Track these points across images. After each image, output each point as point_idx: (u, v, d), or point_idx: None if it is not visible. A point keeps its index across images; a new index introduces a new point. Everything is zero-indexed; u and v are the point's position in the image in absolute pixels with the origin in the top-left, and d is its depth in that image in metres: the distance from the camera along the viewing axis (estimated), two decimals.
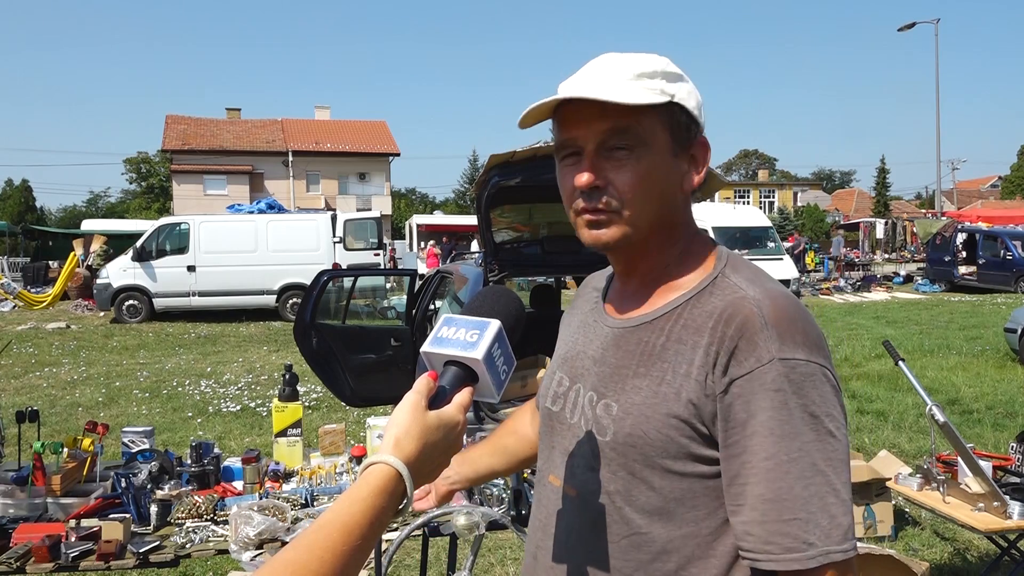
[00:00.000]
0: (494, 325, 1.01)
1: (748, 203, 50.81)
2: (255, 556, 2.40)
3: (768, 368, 0.99)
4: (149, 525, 2.55)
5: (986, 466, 3.07)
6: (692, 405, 1.02)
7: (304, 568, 0.81)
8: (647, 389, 1.06)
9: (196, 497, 2.69)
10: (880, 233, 29.48)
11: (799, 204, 53.27)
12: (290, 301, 16.71)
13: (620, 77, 1.06)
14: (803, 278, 22.55)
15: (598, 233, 1.10)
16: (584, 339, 1.21)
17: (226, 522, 2.53)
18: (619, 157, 1.06)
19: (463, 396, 0.99)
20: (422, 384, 0.98)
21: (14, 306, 19.15)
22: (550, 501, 1.18)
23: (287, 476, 2.99)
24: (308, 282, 6.98)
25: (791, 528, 0.96)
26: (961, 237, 23.08)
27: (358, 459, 2.99)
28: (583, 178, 1.07)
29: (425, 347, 1.01)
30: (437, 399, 0.98)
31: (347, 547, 0.84)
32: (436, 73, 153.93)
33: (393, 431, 0.94)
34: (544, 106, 1.08)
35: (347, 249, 18.02)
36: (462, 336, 1.00)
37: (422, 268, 23.54)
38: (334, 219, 17.91)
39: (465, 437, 1.08)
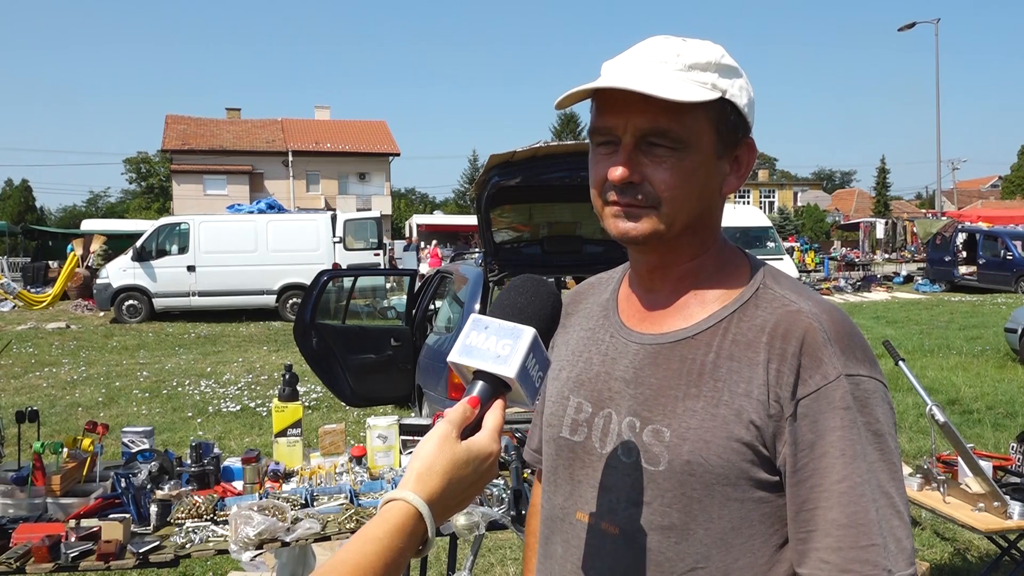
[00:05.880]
0: (528, 334, 0.91)
1: (748, 203, 50.78)
2: (255, 556, 2.39)
3: (835, 385, 0.94)
4: (149, 525, 2.54)
5: (986, 466, 3.07)
6: (754, 427, 0.96)
7: None
8: (703, 411, 0.98)
9: (196, 497, 2.68)
10: (880, 233, 29.45)
11: (799, 204, 53.32)
12: (290, 301, 16.71)
13: (669, 66, 0.98)
14: (803, 278, 22.55)
15: (627, 226, 1.01)
16: (602, 358, 1.10)
17: (226, 522, 2.52)
18: (658, 153, 0.99)
19: (496, 418, 0.90)
20: (457, 414, 0.88)
21: (14, 306, 19.15)
22: (582, 541, 1.06)
23: (287, 476, 2.99)
24: (308, 282, 6.98)
25: (869, 555, 0.91)
26: (961, 237, 23.09)
27: (358, 459, 2.98)
28: (617, 172, 0.99)
29: (453, 356, 0.91)
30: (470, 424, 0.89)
31: None
32: (436, 73, 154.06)
33: (416, 464, 0.86)
34: (582, 89, 1.00)
35: (347, 249, 18.05)
36: (493, 346, 0.90)
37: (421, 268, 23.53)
38: (334, 219, 17.94)
39: None
